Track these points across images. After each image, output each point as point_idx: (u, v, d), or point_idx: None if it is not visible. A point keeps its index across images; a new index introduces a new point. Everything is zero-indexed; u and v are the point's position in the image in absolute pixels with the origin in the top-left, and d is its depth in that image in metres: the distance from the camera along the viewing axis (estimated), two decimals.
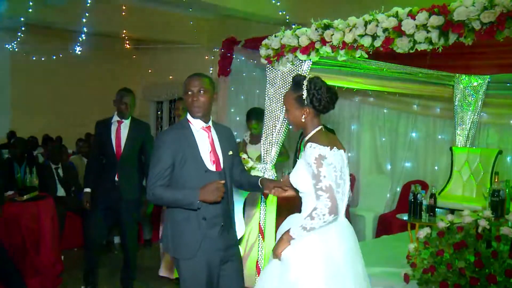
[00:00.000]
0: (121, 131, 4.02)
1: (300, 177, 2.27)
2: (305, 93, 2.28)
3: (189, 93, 2.48)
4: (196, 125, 2.52)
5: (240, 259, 2.68)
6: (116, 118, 4.04)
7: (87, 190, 4.09)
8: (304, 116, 2.30)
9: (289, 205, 2.72)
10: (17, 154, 5.01)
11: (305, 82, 2.29)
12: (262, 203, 3.49)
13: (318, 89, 2.27)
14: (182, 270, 2.47)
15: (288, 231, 2.21)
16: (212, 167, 2.48)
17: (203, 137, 2.52)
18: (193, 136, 2.49)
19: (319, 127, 2.33)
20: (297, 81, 2.33)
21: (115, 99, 4.02)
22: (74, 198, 5.69)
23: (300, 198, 2.36)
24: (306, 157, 2.20)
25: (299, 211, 2.34)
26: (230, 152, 2.59)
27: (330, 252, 2.17)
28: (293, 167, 2.44)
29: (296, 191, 2.39)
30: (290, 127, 3.41)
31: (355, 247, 2.29)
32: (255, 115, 4.67)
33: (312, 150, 2.18)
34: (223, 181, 2.38)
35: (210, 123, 2.57)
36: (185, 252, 2.45)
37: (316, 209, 2.13)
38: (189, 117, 2.53)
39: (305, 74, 2.58)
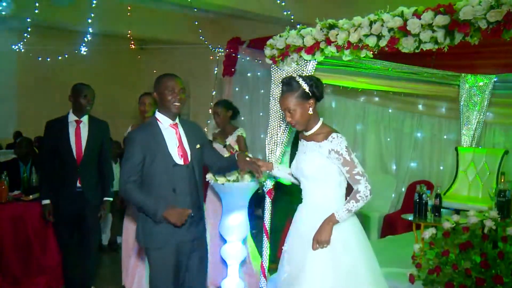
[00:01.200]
0: (81, 132, 3.64)
1: (316, 166, 2.42)
2: (306, 86, 2.42)
3: (171, 91, 2.64)
4: (164, 122, 2.67)
5: (205, 251, 2.82)
6: (73, 117, 3.65)
7: (46, 202, 3.64)
8: (310, 108, 2.44)
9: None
10: (22, 154, 5.02)
11: (298, 79, 2.44)
12: (267, 203, 3.49)
13: (312, 79, 2.46)
14: (152, 259, 2.61)
15: (331, 217, 2.35)
16: (180, 161, 2.63)
17: (171, 133, 2.68)
18: (161, 133, 2.64)
19: (322, 118, 2.51)
20: (289, 82, 2.46)
21: (72, 94, 3.66)
22: None
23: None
24: (334, 146, 2.36)
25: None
26: (198, 146, 2.74)
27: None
28: (290, 160, 2.60)
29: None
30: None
31: None
32: (222, 103, 4.40)
33: (341, 140, 2.37)
34: (189, 210, 2.53)
35: (177, 120, 2.72)
36: (156, 242, 2.58)
37: (359, 192, 2.34)
38: (158, 115, 2.69)
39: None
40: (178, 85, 2.68)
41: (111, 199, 3.82)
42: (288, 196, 3.94)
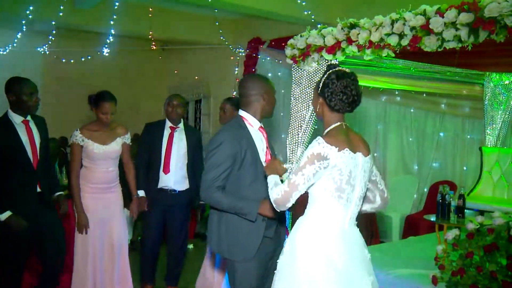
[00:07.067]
0: (33, 133, 3.32)
1: None
2: (321, 82, 2.13)
3: (273, 93, 2.56)
4: (254, 125, 2.50)
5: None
6: (18, 117, 3.24)
7: (8, 214, 3.15)
8: (318, 106, 2.17)
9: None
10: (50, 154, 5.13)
11: (328, 72, 2.14)
12: None
13: (333, 81, 2.08)
14: (239, 272, 2.40)
15: (274, 173, 2.16)
16: None
17: (259, 137, 2.50)
18: (251, 135, 2.46)
19: (338, 124, 2.13)
20: (327, 68, 2.18)
21: (16, 89, 3.20)
22: None
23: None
24: (308, 148, 2.04)
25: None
26: (276, 153, 2.61)
27: (331, 261, 2.01)
28: None
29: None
30: (316, 126, 3.40)
31: (360, 258, 2.10)
32: (231, 101, 4.06)
33: (315, 144, 2.01)
34: None
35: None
36: (243, 254, 2.39)
37: (273, 189, 2.05)
38: (245, 115, 2.50)
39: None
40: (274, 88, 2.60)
41: (62, 192, 3.65)
42: None
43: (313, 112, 3.28)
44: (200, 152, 4.19)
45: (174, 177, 3.94)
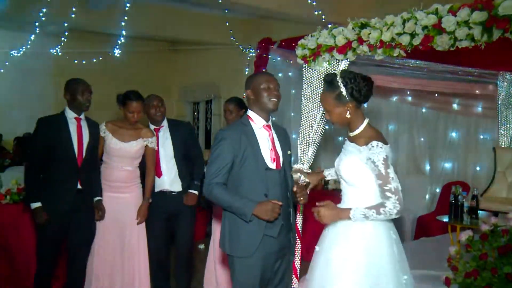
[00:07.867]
0: (83, 131, 3.44)
1: (354, 170, 2.29)
2: (343, 89, 2.29)
3: (267, 87, 2.51)
4: (258, 123, 2.53)
5: (291, 263, 2.70)
6: (72, 114, 3.44)
7: (37, 205, 3.28)
8: (348, 112, 2.31)
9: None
10: None
11: (339, 79, 2.30)
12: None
13: (354, 81, 2.28)
14: (237, 268, 2.47)
15: (346, 211, 2.25)
16: (272, 165, 2.50)
17: (264, 135, 2.54)
18: (254, 133, 2.50)
19: (367, 120, 2.36)
20: (330, 81, 2.34)
21: (71, 89, 3.42)
22: None
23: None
24: (371, 155, 2.21)
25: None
26: (289, 152, 2.62)
27: (391, 240, 2.28)
28: None
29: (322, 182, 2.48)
30: (327, 127, 3.39)
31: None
32: (235, 100, 3.95)
33: (379, 150, 2.22)
34: (280, 203, 2.37)
35: (270, 122, 2.59)
36: (243, 250, 2.44)
37: (385, 207, 2.18)
38: (251, 114, 2.56)
39: (334, 71, 2.52)
40: (273, 81, 2.54)
41: (101, 198, 3.59)
42: None
43: (324, 112, 3.27)
44: (195, 145, 4.07)
45: (168, 178, 3.83)
